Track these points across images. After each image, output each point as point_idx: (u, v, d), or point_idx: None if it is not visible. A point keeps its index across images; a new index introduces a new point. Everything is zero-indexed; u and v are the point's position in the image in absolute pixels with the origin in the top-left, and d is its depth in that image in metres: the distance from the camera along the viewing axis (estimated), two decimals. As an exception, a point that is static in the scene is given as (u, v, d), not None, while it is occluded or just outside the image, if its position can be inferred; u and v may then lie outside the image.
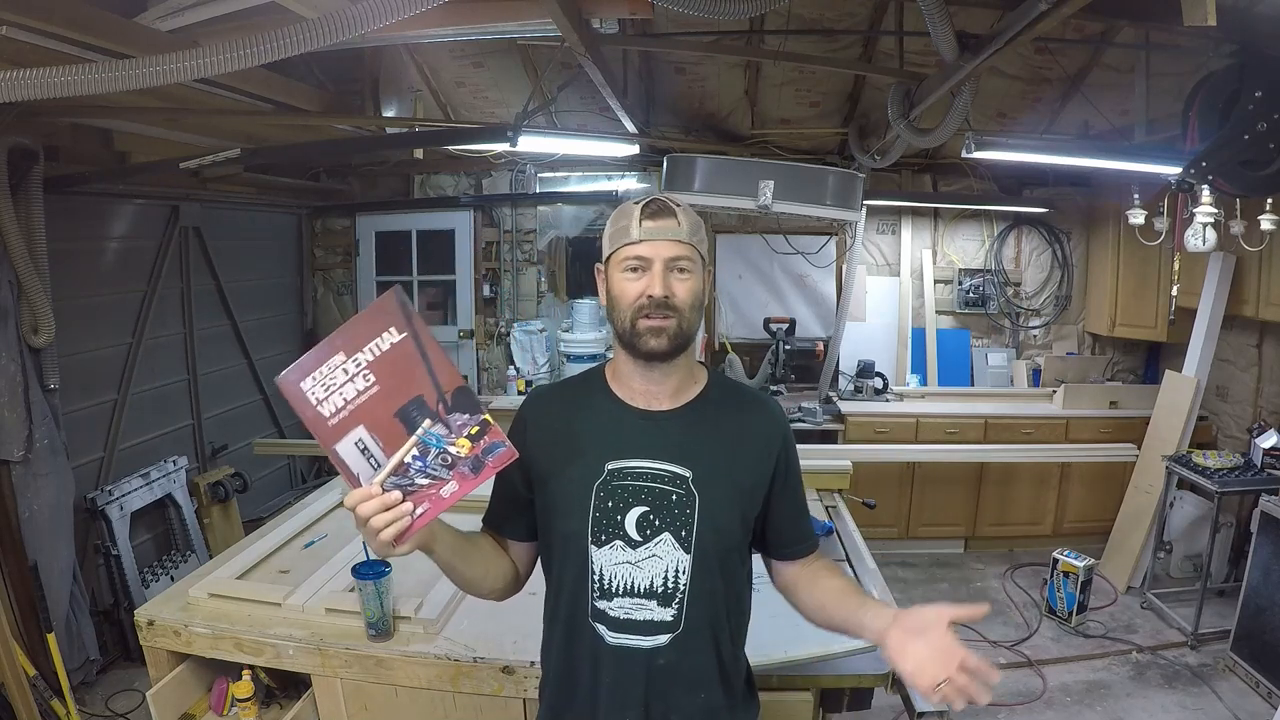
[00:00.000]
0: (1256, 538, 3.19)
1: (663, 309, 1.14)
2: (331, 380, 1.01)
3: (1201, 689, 3.14)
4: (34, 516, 2.89)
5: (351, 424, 1.02)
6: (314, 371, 1.01)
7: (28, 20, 1.84)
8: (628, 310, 1.16)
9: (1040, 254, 5.07)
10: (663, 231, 1.15)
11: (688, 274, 1.16)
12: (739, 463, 1.21)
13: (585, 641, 1.19)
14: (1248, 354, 4.12)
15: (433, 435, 1.03)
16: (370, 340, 1.02)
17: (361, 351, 1.02)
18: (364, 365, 1.02)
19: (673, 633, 1.17)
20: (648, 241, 1.15)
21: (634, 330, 1.16)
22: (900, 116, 2.99)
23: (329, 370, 1.01)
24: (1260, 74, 2.38)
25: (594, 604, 1.18)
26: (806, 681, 1.66)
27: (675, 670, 1.17)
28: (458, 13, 2.25)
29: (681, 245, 1.15)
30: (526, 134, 3.42)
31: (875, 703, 1.77)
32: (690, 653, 1.18)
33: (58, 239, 3.02)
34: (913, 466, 4.39)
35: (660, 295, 1.13)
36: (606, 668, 1.18)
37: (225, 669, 1.85)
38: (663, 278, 1.14)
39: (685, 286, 1.16)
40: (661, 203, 1.17)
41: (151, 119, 3.24)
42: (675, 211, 1.17)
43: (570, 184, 5.21)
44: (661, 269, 1.14)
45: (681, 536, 1.16)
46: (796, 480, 1.28)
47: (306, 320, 5.37)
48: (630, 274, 1.16)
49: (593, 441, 1.19)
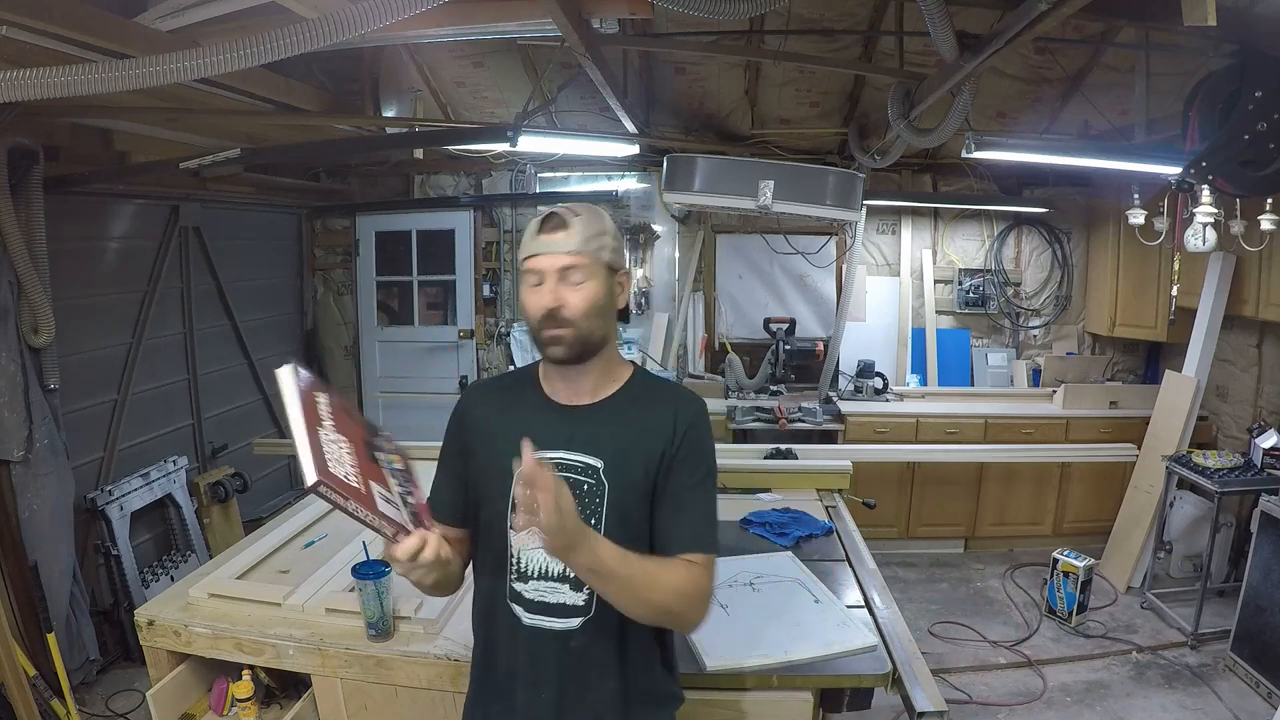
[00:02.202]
0: (1256, 538, 3.19)
1: (554, 320, 1.20)
2: (337, 455, 1.05)
3: (1201, 689, 3.14)
4: (34, 516, 2.89)
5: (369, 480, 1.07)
6: (326, 455, 1.02)
7: (27, 20, 1.84)
8: (533, 321, 1.24)
9: (1040, 254, 5.07)
10: (553, 245, 1.21)
11: (581, 283, 1.21)
12: (643, 454, 1.24)
13: (503, 621, 1.27)
14: (1248, 354, 4.12)
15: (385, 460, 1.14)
16: (318, 409, 1.08)
17: (323, 421, 1.07)
18: (332, 428, 1.08)
19: (584, 616, 1.23)
20: (541, 255, 1.22)
21: (538, 340, 1.24)
22: (900, 116, 2.99)
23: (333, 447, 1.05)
24: (1260, 74, 2.38)
25: (511, 585, 1.26)
26: (806, 681, 1.66)
27: (587, 653, 1.24)
28: (458, 13, 2.26)
29: (571, 256, 1.20)
30: (526, 134, 3.42)
31: (875, 703, 1.77)
32: (601, 636, 1.24)
33: (58, 239, 3.02)
34: (913, 466, 4.39)
35: (550, 305, 1.20)
36: (523, 647, 1.25)
37: (225, 669, 1.85)
38: (553, 289, 1.20)
39: (579, 295, 1.21)
40: (558, 216, 1.22)
41: (151, 119, 3.24)
42: (569, 223, 1.21)
43: (570, 184, 5.21)
44: (554, 281, 1.21)
45: (591, 524, 1.19)
46: (686, 475, 1.24)
47: (306, 320, 5.37)
48: (531, 286, 1.23)
49: (518, 432, 1.17)
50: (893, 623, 1.86)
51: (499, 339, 5.28)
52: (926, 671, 1.70)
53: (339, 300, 5.45)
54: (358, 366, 5.44)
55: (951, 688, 3.16)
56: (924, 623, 3.69)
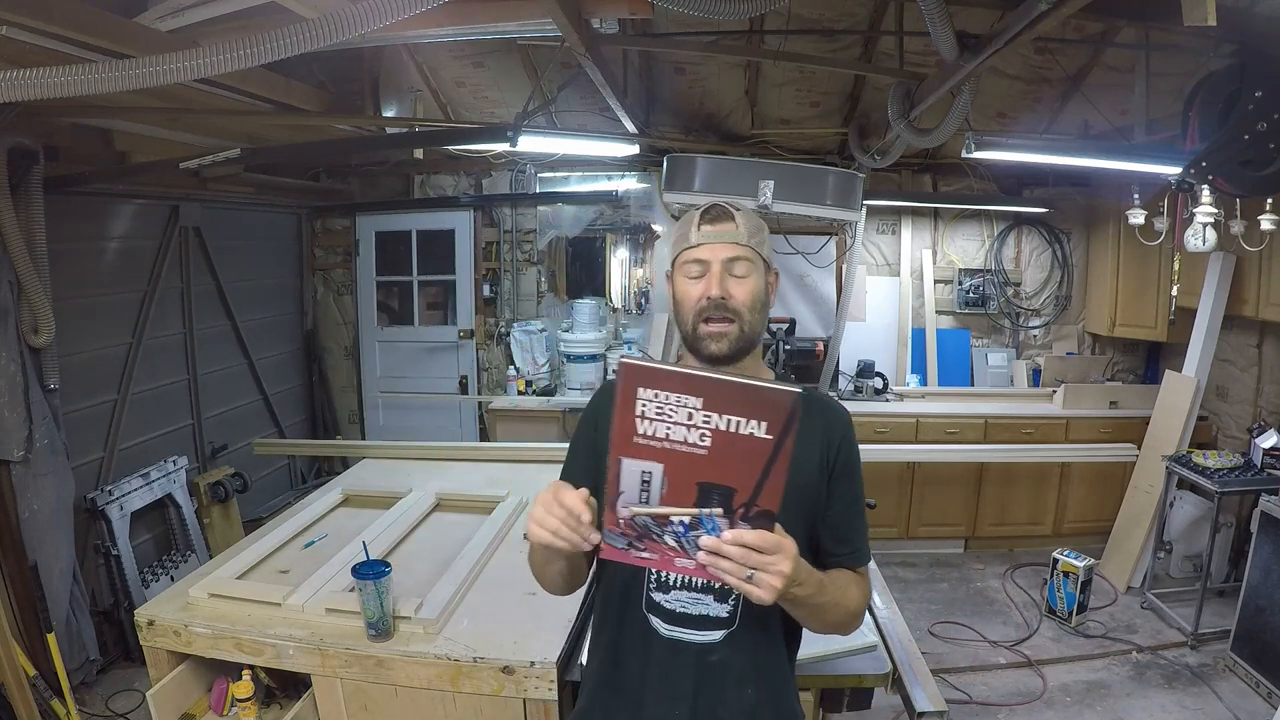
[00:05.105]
0: (1256, 538, 3.19)
1: (721, 310, 1.18)
2: (670, 411, 0.94)
3: (1201, 689, 3.14)
4: (34, 516, 2.89)
5: (653, 456, 0.96)
6: (661, 391, 0.94)
7: (27, 20, 1.84)
8: (690, 313, 1.20)
9: (1040, 254, 5.07)
10: (720, 235, 1.19)
11: (745, 276, 1.20)
12: (800, 461, 1.17)
13: (637, 632, 1.21)
14: (1248, 354, 4.12)
15: (713, 520, 0.97)
16: (737, 415, 0.94)
17: (719, 415, 0.94)
18: (710, 426, 0.94)
19: (727, 629, 1.18)
20: (705, 245, 1.20)
21: (696, 334, 1.21)
22: (900, 116, 2.99)
23: (676, 402, 0.94)
24: (1260, 74, 2.38)
25: (650, 595, 1.19)
26: (806, 681, 1.66)
27: (726, 666, 1.18)
28: (458, 13, 2.26)
29: (738, 247, 1.19)
30: (526, 134, 3.42)
31: (875, 703, 1.77)
32: (742, 649, 1.19)
33: (58, 239, 3.02)
34: (913, 466, 4.39)
35: (717, 295, 1.18)
36: (657, 659, 1.19)
37: (225, 669, 1.85)
38: (720, 279, 1.18)
39: (743, 288, 1.19)
40: (721, 208, 1.22)
41: (151, 119, 3.24)
42: (734, 216, 1.21)
43: (570, 184, 5.21)
44: (719, 271, 1.19)
45: None
46: (848, 487, 1.23)
47: (306, 320, 5.37)
48: (691, 278, 1.21)
49: None
50: (893, 623, 1.86)
51: (499, 339, 5.28)
52: (926, 671, 1.70)
53: (339, 300, 5.45)
54: (358, 366, 5.44)
55: (951, 688, 3.16)
56: (924, 623, 3.69)
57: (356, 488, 2.71)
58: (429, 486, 2.61)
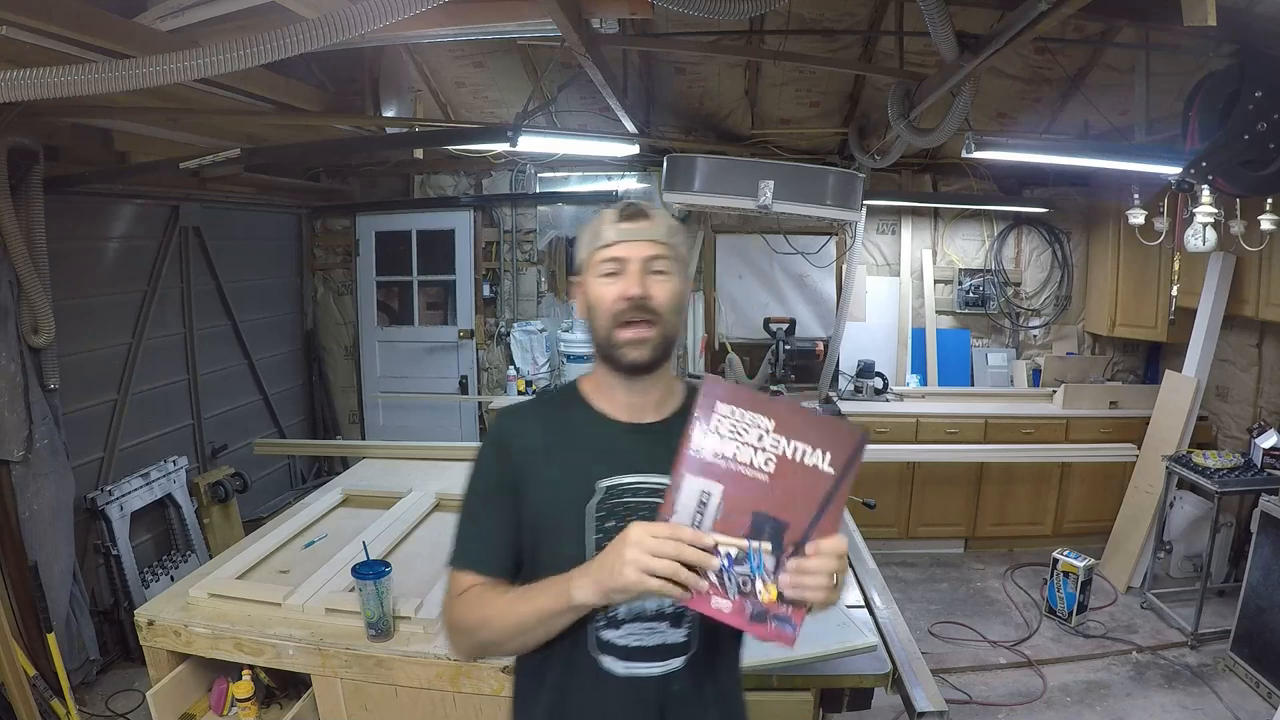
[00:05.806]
0: (1256, 538, 3.19)
1: (642, 311, 1.09)
2: (742, 430, 0.95)
3: (1201, 689, 3.14)
4: (34, 516, 2.89)
5: (715, 476, 0.95)
6: (739, 408, 0.94)
7: (27, 20, 1.84)
8: (607, 316, 1.11)
9: (1040, 254, 5.07)
10: (639, 232, 1.12)
11: (667, 275, 1.12)
12: None
13: (588, 677, 1.10)
14: (1248, 354, 4.12)
15: (759, 556, 0.94)
16: (804, 443, 0.94)
17: (787, 442, 0.94)
18: (777, 453, 0.95)
19: (685, 654, 1.11)
20: (623, 242, 1.11)
21: (612, 342, 1.11)
22: (900, 116, 2.99)
23: (750, 422, 0.95)
24: (1260, 74, 2.38)
25: (599, 635, 1.10)
26: (806, 681, 1.66)
27: (688, 694, 1.12)
28: (458, 13, 2.25)
29: (658, 245, 1.11)
30: (526, 134, 3.42)
31: (875, 703, 1.77)
32: (703, 672, 1.13)
33: (58, 239, 3.02)
34: (913, 466, 4.39)
35: (637, 294, 1.09)
36: (615, 702, 1.10)
37: (225, 669, 1.85)
38: (640, 277, 1.10)
39: (664, 288, 1.11)
40: (637, 206, 1.15)
41: (151, 119, 3.24)
42: (651, 213, 1.14)
43: (570, 184, 5.21)
44: (639, 269, 1.10)
45: None
46: None
47: (306, 320, 5.37)
48: (607, 277, 1.11)
49: (582, 460, 1.11)
50: (893, 623, 1.86)
51: (499, 339, 5.28)
52: (926, 671, 1.70)
53: (339, 300, 5.45)
54: (358, 366, 5.44)
55: (951, 688, 3.16)
56: (924, 623, 3.69)
57: (356, 488, 2.71)
58: (429, 486, 2.62)
